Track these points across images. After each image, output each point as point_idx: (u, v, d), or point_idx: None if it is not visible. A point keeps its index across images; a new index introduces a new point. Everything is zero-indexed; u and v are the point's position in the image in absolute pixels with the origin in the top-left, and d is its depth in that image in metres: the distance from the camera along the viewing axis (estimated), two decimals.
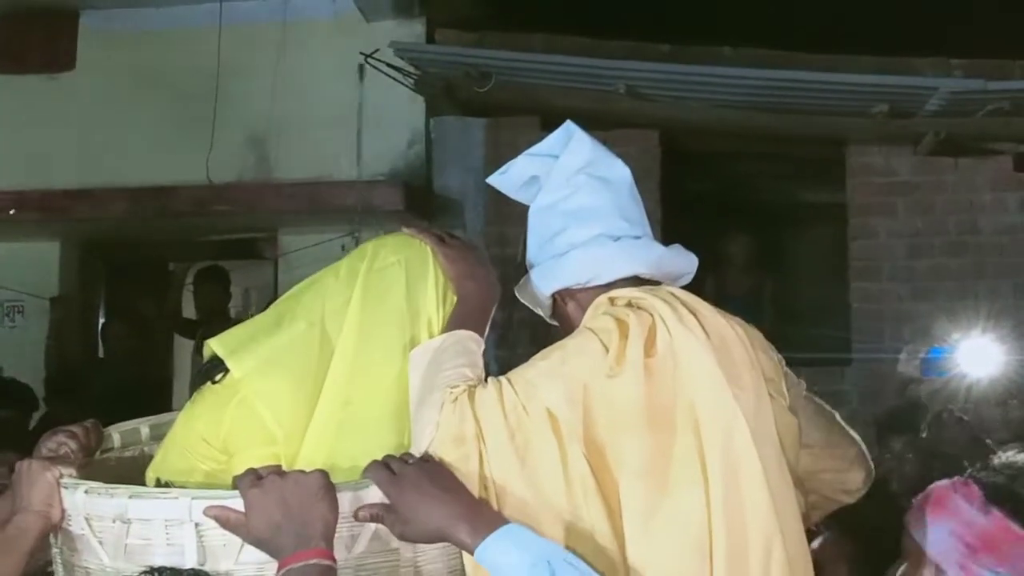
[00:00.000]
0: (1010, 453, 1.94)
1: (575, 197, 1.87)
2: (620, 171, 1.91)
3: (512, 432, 1.61)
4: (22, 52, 6.28)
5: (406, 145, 6.09)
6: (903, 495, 2.27)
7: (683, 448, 1.63)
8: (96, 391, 5.38)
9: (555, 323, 1.94)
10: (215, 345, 1.82)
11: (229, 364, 1.79)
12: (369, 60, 5.72)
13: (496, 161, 6.69)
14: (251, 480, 1.55)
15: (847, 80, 5.28)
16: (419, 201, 5.87)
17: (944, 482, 1.82)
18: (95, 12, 6.28)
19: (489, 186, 5.71)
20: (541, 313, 1.95)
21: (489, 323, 1.84)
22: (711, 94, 5.56)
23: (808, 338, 5.98)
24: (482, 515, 1.54)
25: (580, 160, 1.90)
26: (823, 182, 6.12)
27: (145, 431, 2.04)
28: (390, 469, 1.58)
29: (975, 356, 4.28)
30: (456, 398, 1.64)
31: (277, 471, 1.57)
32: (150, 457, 1.89)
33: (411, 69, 5.90)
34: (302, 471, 1.57)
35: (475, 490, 1.59)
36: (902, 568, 1.81)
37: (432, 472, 1.57)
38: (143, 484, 1.78)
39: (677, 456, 1.63)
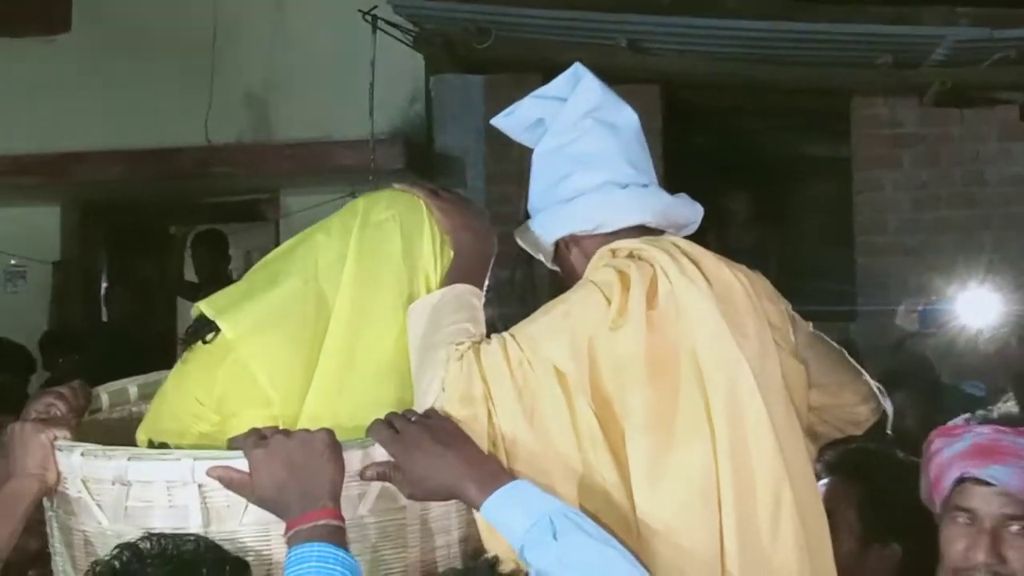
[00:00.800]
0: (1010, 404, 1.97)
1: (582, 141, 1.83)
2: (628, 116, 1.87)
3: (519, 390, 1.59)
4: (17, 15, 6.19)
5: (406, 103, 6.03)
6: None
7: (687, 399, 1.62)
8: (99, 354, 5.35)
9: (556, 268, 1.90)
10: (204, 307, 1.77)
11: (220, 324, 1.74)
12: (367, 16, 5.63)
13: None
14: (255, 440, 1.51)
15: (851, 30, 5.20)
16: (420, 160, 5.80)
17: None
18: None
19: (490, 144, 5.69)
20: (542, 259, 1.90)
21: (488, 276, 1.80)
22: (713, 47, 5.48)
23: (813, 292, 5.95)
24: (488, 471, 1.51)
25: (588, 104, 1.85)
26: (828, 135, 6.05)
27: (133, 391, 1.99)
28: (393, 427, 1.54)
29: (974, 308, 4.24)
30: (462, 355, 1.61)
31: (282, 431, 1.53)
32: (139, 417, 1.84)
33: (410, 26, 5.80)
34: (307, 430, 1.53)
35: (485, 449, 1.57)
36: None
37: (436, 428, 1.53)
38: (133, 445, 1.74)
39: (681, 407, 1.62)
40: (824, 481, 2.30)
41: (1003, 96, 5.60)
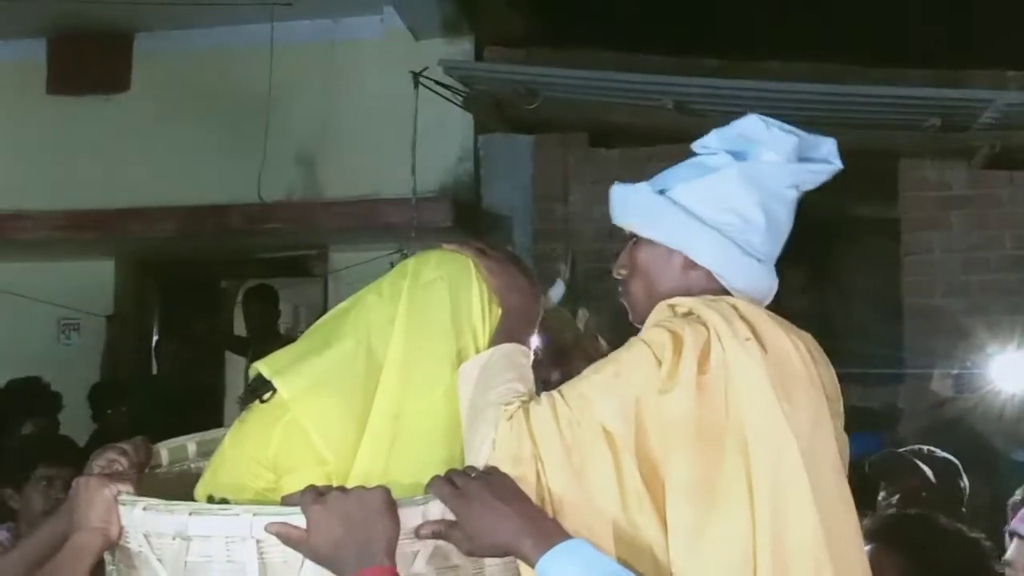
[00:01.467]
0: None
1: (780, 205, 1.78)
2: (795, 196, 1.82)
3: (568, 449, 1.59)
4: (78, 74, 6.37)
5: (455, 162, 6.10)
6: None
7: (731, 467, 1.60)
8: (149, 407, 5.41)
9: (620, 271, 1.84)
10: (262, 367, 1.82)
11: (277, 385, 1.78)
12: (419, 78, 5.73)
13: (543, 177, 6.63)
14: (313, 497, 1.54)
15: (899, 93, 5.20)
16: (468, 218, 5.86)
17: None
18: (149, 34, 6.37)
19: (537, 202, 5.70)
20: (620, 223, 1.83)
21: (535, 334, 1.81)
22: (760, 109, 5.48)
23: (862, 355, 5.92)
24: (545, 528, 1.53)
25: (810, 182, 1.79)
26: (875, 197, 6.04)
27: (192, 448, 2.04)
28: (453, 484, 1.56)
29: (1009, 372, 4.18)
30: (511, 416, 1.62)
31: (339, 488, 1.55)
32: (197, 474, 1.88)
33: (460, 87, 5.89)
34: (364, 487, 1.56)
35: None
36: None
37: (496, 485, 1.55)
38: (191, 500, 1.78)
39: (724, 475, 1.60)
40: (866, 548, 2.29)
41: None
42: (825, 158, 1.79)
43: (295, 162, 6.15)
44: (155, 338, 6.77)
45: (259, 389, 1.82)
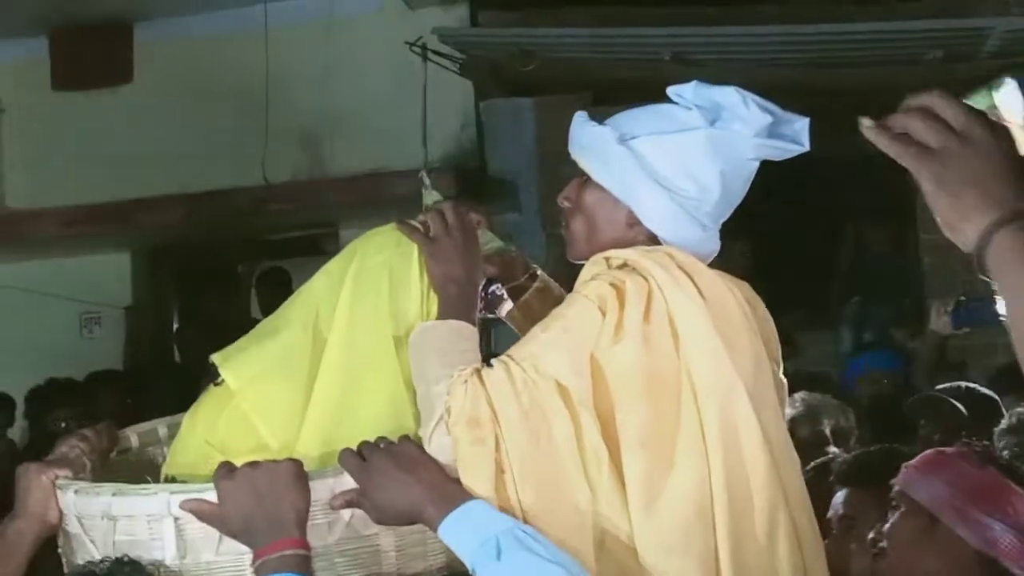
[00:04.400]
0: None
1: (739, 177, 1.77)
2: (754, 167, 1.81)
3: (526, 412, 1.61)
4: (82, 68, 6.44)
5: (458, 130, 6.12)
6: None
7: (683, 416, 1.63)
8: (173, 396, 5.51)
9: (564, 202, 1.85)
10: (215, 356, 1.86)
11: (223, 373, 1.83)
12: (414, 48, 5.75)
13: (548, 140, 6.61)
14: (224, 471, 1.58)
15: (897, 28, 5.13)
16: (473, 185, 5.88)
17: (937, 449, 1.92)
18: (148, 22, 6.42)
19: (542, 166, 5.68)
20: (575, 156, 1.83)
21: (476, 322, 1.81)
22: (759, 54, 5.45)
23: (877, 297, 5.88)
24: (446, 493, 1.55)
25: (772, 156, 1.77)
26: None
27: (163, 431, 2.09)
28: (362, 456, 1.60)
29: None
30: (466, 380, 1.64)
31: (251, 462, 1.60)
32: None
33: (457, 54, 5.90)
34: (274, 460, 1.60)
35: (492, 475, 1.59)
36: (890, 523, 1.81)
37: (399, 454, 1.59)
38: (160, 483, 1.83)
39: (678, 424, 1.63)
40: (840, 492, 2.31)
41: None
42: (795, 137, 1.76)
43: (298, 141, 6.19)
44: (175, 326, 6.88)
45: (215, 373, 1.88)
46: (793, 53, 5.39)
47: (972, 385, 3.59)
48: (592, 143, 1.80)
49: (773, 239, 5.99)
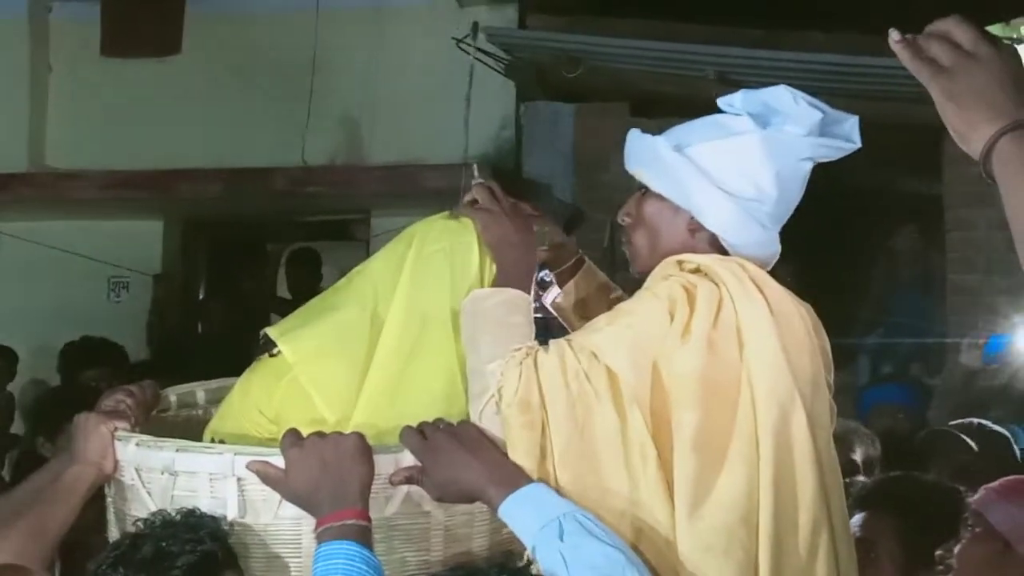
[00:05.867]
0: None
1: (794, 178, 1.79)
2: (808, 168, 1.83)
3: (573, 402, 1.63)
4: (131, 36, 6.46)
5: (497, 129, 6.15)
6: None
7: (740, 425, 1.64)
8: (195, 366, 5.54)
9: (625, 218, 1.87)
10: (270, 331, 1.90)
11: (282, 347, 1.87)
12: (461, 44, 5.77)
13: (585, 146, 6.61)
14: (292, 439, 1.61)
15: None
16: (508, 185, 5.85)
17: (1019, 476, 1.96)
18: None
19: (579, 171, 5.69)
20: (632, 171, 1.85)
21: (532, 289, 1.85)
22: (802, 80, 5.45)
23: (900, 331, 5.88)
24: (507, 474, 1.58)
25: (826, 156, 1.80)
26: (919, 172, 5.97)
27: (201, 395, 2.14)
28: (423, 435, 1.62)
29: None
30: (520, 361, 1.66)
31: (318, 432, 1.62)
32: (205, 420, 1.98)
33: (502, 54, 5.93)
34: (341, 433, 1.62)
35: (537, 459, 1.61)
36: (962, 544, 1.83)
37: (462, 435, 1.61)
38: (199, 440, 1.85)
39: (733, 432, 1.64)
40: (858, 515, 2.33)
41: None
42: (847, 135, 1.79)
43: (339, 127, 6.23)
44: (201, 297, 6.91)
45: (270, 343, 1.90)
46: (836, 83, 5.40)
47: (983, 422, 3.60)
48: (649, 155, 1.83)
49: (809, 265, 6.00)
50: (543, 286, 2.02)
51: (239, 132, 6.19)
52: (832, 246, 6.26)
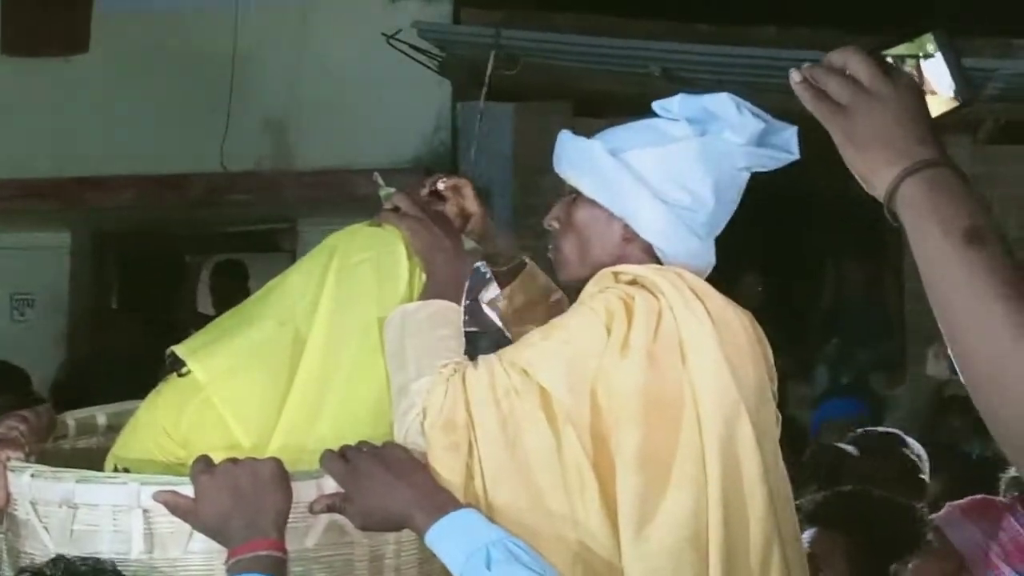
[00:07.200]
0: None
1: (732, 187, 1.80)
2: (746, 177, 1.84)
3: (504, 419, 1.62)
4: (36, 34, 6.36)
5: (431, 131, 6.13)
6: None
7: (684, 441, 1.64)
8: (106, 389, 5.43)
9: (553, 223, 1.86)
10: (178, 349, 1.84)
11: (192, 366, 1.81)
12: (392, 41, 5.75)
13: (526, 148, 6.61)
14: (203, 466, 1.57)
15: None
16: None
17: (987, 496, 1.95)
18: None
19: (519, 175, 5.68)
20: (564, 175, 1.84)
21: (463, 299, 1.83)
22: (751, 77, 5.51)
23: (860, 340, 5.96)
24: (436, 500, 1.56)
25: (762, 167, 1.81)
26: None
27: (102, 420, 2.07)
28: (345, 458, 1.59)
29: None
30: (447, 379, 1.65)
31: (231, 459, 1.59)
32: (106, 448, 1.92)
33: (436, 51, 5.92)
34: (255, 459, 1.59)
35: (462, 482, 1.61)
36: (916, 562, 1.84)
37: (387, 458, 1.59)
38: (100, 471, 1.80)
39: (677, 448, 1.64)
40: (808, 531, 2.34)
41: None
42: (785, 146, 1.80)
43: (262, 130, 6.19)
44: (113, 315, 6.80)
45: (177, 362, 1.86)
46: (786, 79, 5.46)
47: (872, 428, 3.59)
48: (582, 159, 1.83)
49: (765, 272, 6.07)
50: (479, 283, 2.00)
51: (153, 136, 6.11)
52: (787, 252, 6.33)
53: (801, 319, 6.32)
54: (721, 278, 1.81)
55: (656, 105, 1.85)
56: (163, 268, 6.97)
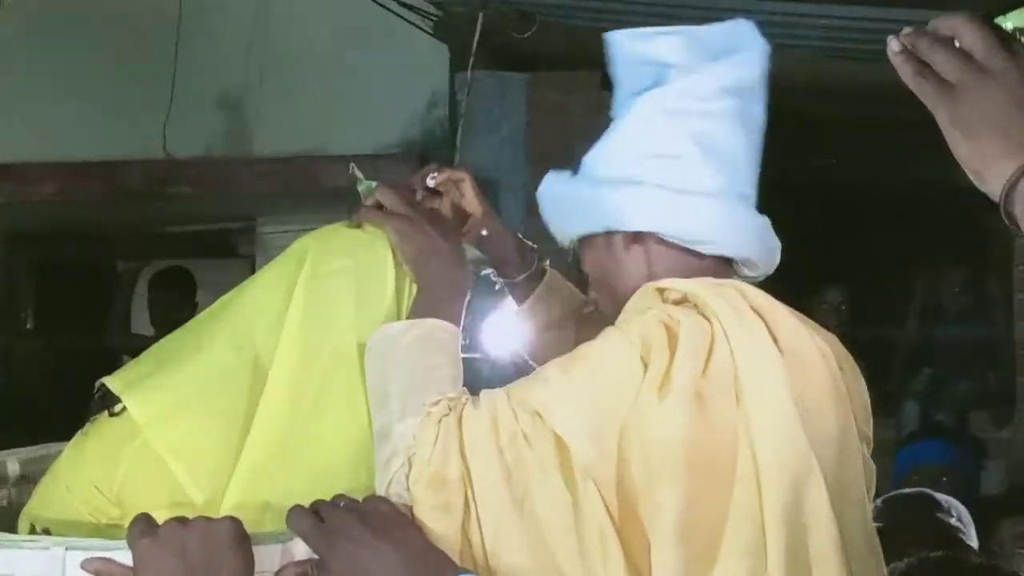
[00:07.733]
0: None
1: (713, 122, 1.82)
2: (761, 115, 1.87)
3: (509, 472, 1.62)
4: None
5: (424, 108, 6.15)
6: None
7: (738, 505, 1.63)
8: (12, 427, 5.47)
9: (582, 267, 1.90)
10: (110, 382, 1.86)
11: (127, 403, 1.83)
12: None
13: (541, 128, 6.65)
14: (143, 527, 1.59)
15: (916, 16, 5.22)
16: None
17: None
18: None
19: (532, 160, 5.79)
20: (559, 237, 1.90)
21: (463, 315, 1.84)
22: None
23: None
24: (429, 564, 1.57)
25: (739, 78, 1.83)
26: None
27: (14, 468, 2.08)
28: (319, 516, 1.61)
29: None
30: (438, 421, 1.66)
31: (178, 518, 1.60)
32: (20, 504, 1.93)
33: (432, 9, 5.94)
34: (208, 518, 1.61)
35: (456, 549, 1.61)
36: None
37: (369, 514, 1.60)
38: (11, 532, 1.82)
39: (729, 515, 1.63)
40: None
41: None
42: (745, 44, 1.86)
43: (214, 108, 6.20)
44: (27, 337, 6.85)
45: (108, 398, 1.87)
46: (828, 41, 5.47)
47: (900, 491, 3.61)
48: (550, 202, 1.90)
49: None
50: (487, 297, 2.04)
51: (79, 116, 6.12)
52: (870, 260, 6.33)
53: (885, 342, 6.32)
54: (796, 292, 1.81)
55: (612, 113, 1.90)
56: (90, 278, 7.01)
